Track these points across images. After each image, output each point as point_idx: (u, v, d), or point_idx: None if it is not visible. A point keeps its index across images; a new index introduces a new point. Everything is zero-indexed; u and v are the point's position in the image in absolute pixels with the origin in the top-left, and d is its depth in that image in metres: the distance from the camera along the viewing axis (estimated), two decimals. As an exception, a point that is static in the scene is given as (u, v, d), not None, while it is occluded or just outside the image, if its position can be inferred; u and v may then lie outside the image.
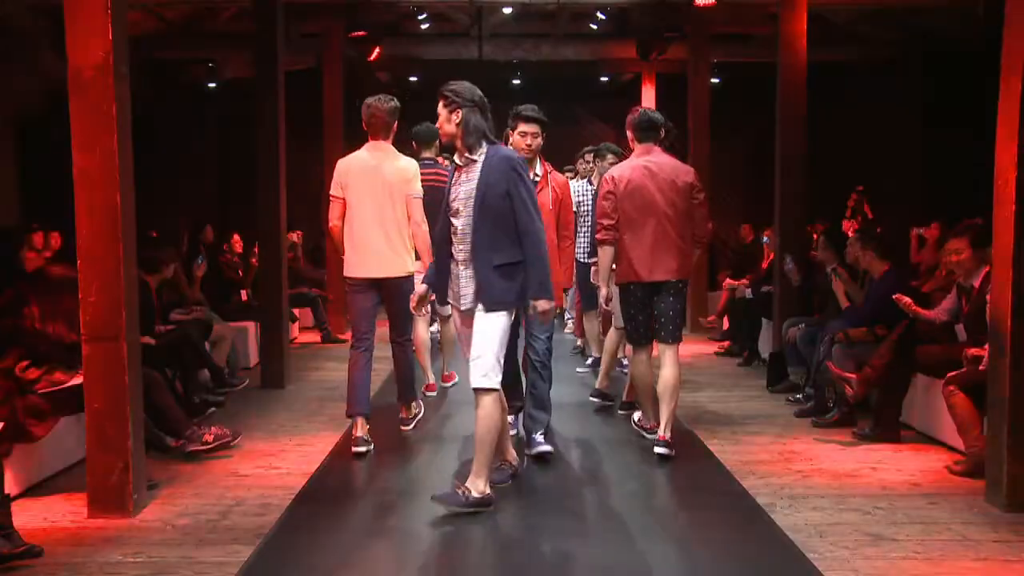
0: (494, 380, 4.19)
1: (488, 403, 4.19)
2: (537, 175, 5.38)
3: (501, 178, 4.19)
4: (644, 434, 5.58)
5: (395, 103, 5.45)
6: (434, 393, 6.94)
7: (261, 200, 7.31)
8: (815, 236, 6.92)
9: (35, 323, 5.01)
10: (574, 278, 6.30)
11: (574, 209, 6.17)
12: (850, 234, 10.02)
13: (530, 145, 5.21)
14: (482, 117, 4.27)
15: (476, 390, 4.20)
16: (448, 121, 4.28)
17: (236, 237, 9.55)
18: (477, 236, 4.23)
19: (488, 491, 4.28)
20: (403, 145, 5.74)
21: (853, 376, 5.62)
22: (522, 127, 5.21)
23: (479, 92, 4.31)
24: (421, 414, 6.11)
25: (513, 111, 5.25)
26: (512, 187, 4.19)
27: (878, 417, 5.60)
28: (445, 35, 13.76)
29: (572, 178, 8.12)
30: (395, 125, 5.49)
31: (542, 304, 4.26)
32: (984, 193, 4.55)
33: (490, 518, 4.24)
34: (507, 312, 4.26)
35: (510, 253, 4.23)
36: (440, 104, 4.30)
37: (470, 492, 4.24)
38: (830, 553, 3.81)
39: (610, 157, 6.54)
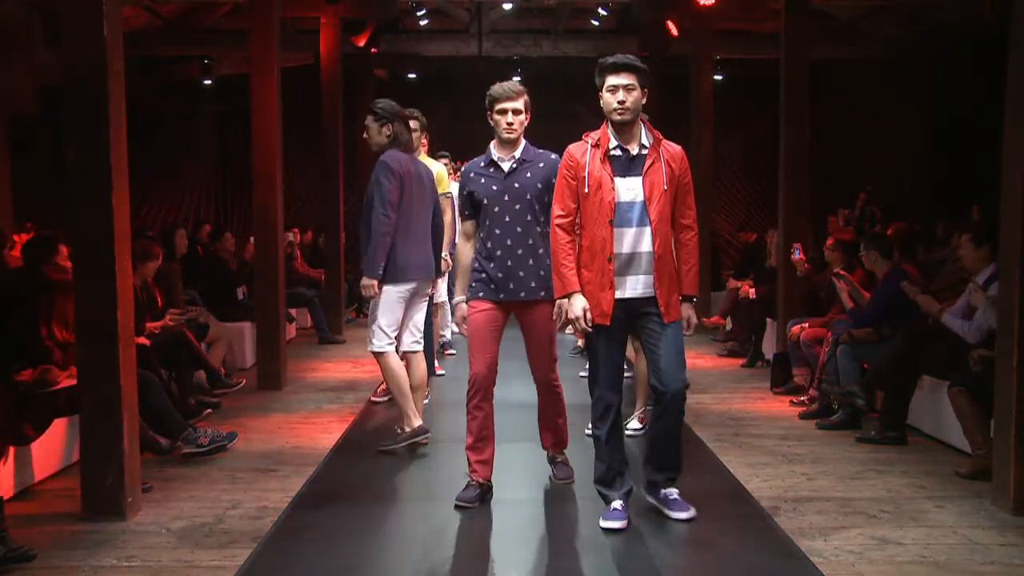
0: None
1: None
2: (644, 145, 4.06)
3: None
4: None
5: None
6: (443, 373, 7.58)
7: (258, 198, 7.25)
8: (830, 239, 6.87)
9: (30, 323, 4.94)
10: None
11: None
12: (842, 223, 10.00)
13: (623, 102, 3.97)
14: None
15: None
16: (379, 133, 5.27)
17: (228, 236, 9.49)
18: None
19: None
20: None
21: (856, 388, 5.66)
22: (611, 79, 4.02)
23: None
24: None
25: (599, 63, 4.13)
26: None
27: (884, 419, 5.56)
28: (444, 31, 13.72)
29: None
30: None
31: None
32: (992, 191, 4.50)
33: (489, 521, 4.23)
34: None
35: None
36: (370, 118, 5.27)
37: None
38: (835, 556, 3.77)
39: None
